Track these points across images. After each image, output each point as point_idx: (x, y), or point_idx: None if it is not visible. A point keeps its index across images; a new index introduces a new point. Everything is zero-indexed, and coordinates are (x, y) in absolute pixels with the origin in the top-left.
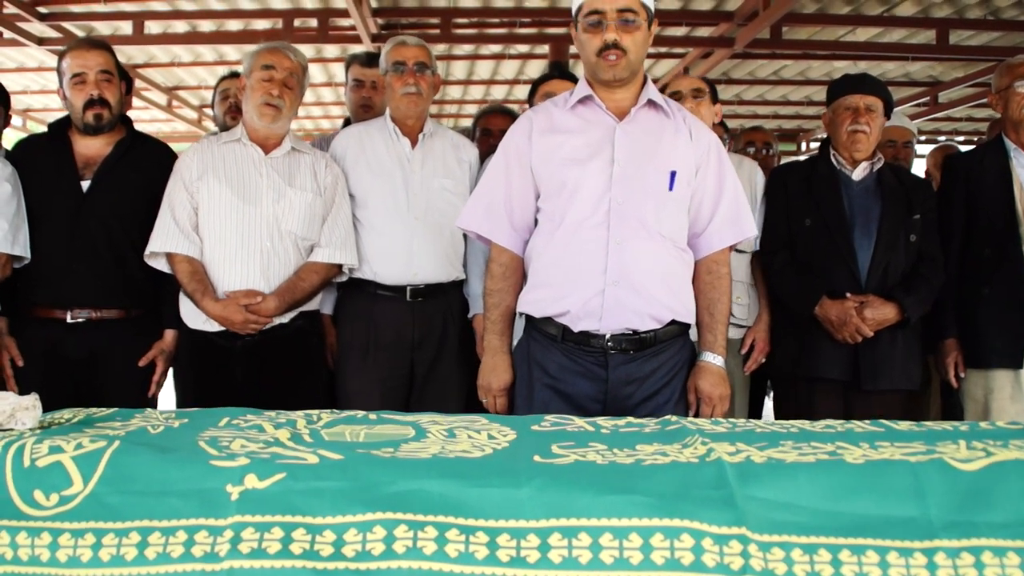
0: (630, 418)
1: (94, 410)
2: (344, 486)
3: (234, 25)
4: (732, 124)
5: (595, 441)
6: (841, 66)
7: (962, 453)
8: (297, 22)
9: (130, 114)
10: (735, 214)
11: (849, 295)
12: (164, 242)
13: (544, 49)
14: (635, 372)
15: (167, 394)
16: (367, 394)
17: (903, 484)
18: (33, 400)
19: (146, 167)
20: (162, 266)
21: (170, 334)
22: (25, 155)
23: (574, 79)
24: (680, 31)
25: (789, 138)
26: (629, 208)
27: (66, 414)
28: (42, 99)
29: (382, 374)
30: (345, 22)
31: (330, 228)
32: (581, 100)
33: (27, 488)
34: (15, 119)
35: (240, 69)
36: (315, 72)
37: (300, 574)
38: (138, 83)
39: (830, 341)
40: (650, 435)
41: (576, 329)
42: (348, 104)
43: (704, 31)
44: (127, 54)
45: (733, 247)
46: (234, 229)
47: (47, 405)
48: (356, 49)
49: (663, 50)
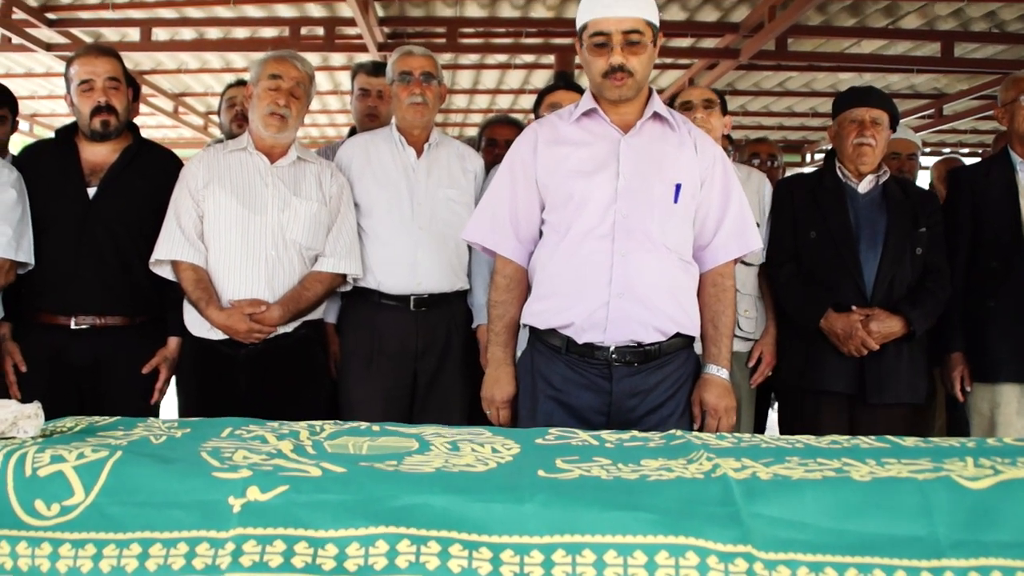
0: (634, 432)
1: (96, 419)
2: (347, 499)
3: (241, 33)
4: (737, 135)
5: (599, 456)
6: (846, 78)
7: (969, 471)
8: (304, 30)
9: (136, 120)
10: (740, 227)
11: (855, 308)
12: (169, 250)
13: (550, 59)
14: (639, 384)
15: (169, 401)
16: (370, 403)
17: (910, 502)
18: (35, 408)
19: (152, 174)
20: (167, 274)
21: (173, 341)
22: (31, 161)
23: (580, 89)
24: (685, 42)
25: (793, 150)
26: (634, 221)
27: (68, 423)
28: (49, 104)
29: (385, 383)
30: (351, 31)
31: (335, 237)
32: (586, 113)
33: (28, 498)
34: (22, 124)
35: (247, 77)
36: (321, 80)
37: None
38: (145, 89)
39: (836, 354)
40: (655, 450)
41: (580, 341)
42: (354, 113)
43: (709, 42)
44: (134, 60)
45: (739, 260)
46: (239, 238)
47: (50, 411)
48: (362, 58)
49: (668, 61)
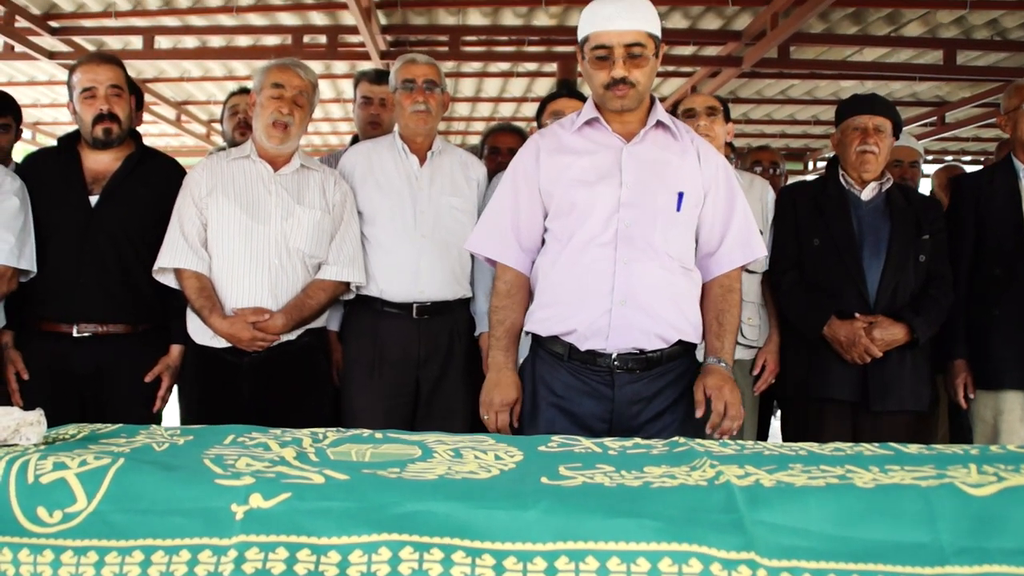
0: (637, 439)
1: (99, 426)
2: (350, 507)
3: (244, 41)
4: (739, 143)
5: (603, 463)
6: (848, 86)
7: (973, 478)
8: (306, 38)
9: (139, 128)
10: (745, 236)
11: (858, 315)
12: (172, 257)
13: (552, 67)
14: (641, 391)
15: (171, 410)
16: (372, 411)
17: (914, 509)
18: (38, 416)
19: (155, 182)
20: (170, 281)
21: (176, 349)
22: (34, 169)
23: (582, 97)
24: (688, 50)
25: (796, 157)
26: (637, 229)
27: (71, 430)
28: (52, 113)
29: (388, 391)
30: (354, 39)
31: (338, 245)
32: (588, 122)
33: (30, 505)
34: (25, 132)
35: (249, 85)
36: (324, 88)
37: None
38: (147, 98)
39: (839, 361)
40: (658, 457)
41: (583, 348)
42: (356, 121)
43: (712, 50)
44: (137, 68)
45: (744, 267)
46: (242, 246)
47: (52, 419)
48: (365, 66)
49: (671, 69)
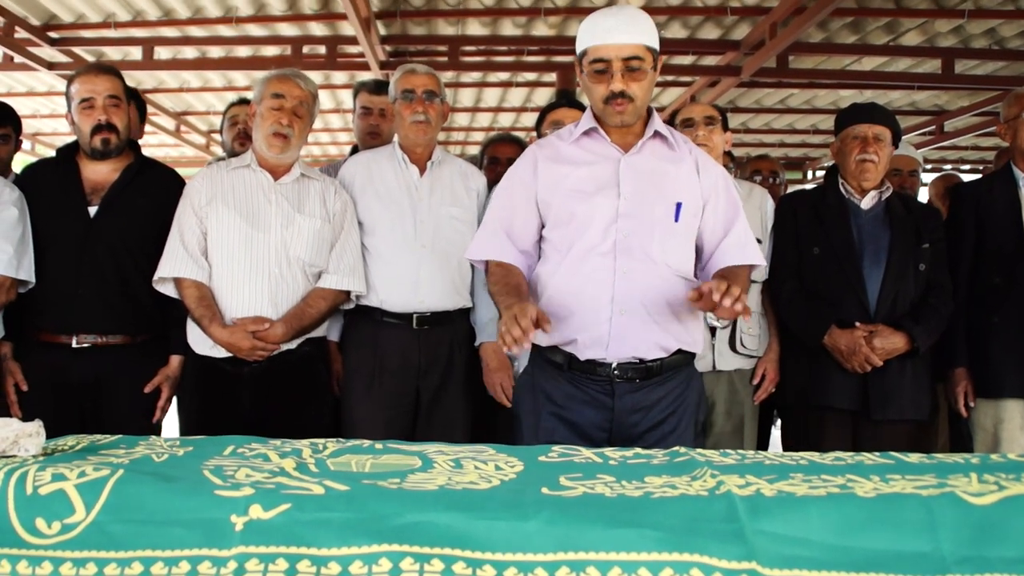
0: (638, 449)
1: (98, 437)
2: (350, 517)
3: (243, 52)
4: (738, 152)
5: (603, 473)
6: (847, 95)
7: (974, 487)
8: (306, 49)
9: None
10: (743, 244)
11: (858, 324)
12: (173, 267)
13: (551, 77)
14: (641, 401)
15: (171, 420)
16: (372, 420)
17: (915, 518)
18: (37, 427)
19: (154, 193)
20: (170, 291)
21: (175, 360)
22: (33, 180)
23: (582, 107)
24: (687, 60)
25: (795, 166)
26: (635, 240)
27: (70, 441)
28: (51, 123)
29: (388, 401)
30: (353, 49)
31: (338, 255)
32: (586, 132)
33: (29, 516)
34: (24, 143)
35: (249, 95)
36: (323, 99)
37: None
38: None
39: (839, 370)
40: (658, 467)
41: (582, 358)
42: (356, 131)
43: (711, 60)
44: (136, 79)
45: None
46: (242, 255)
47: (51, 430)
48: (364, 76)
49: (670, 78)
